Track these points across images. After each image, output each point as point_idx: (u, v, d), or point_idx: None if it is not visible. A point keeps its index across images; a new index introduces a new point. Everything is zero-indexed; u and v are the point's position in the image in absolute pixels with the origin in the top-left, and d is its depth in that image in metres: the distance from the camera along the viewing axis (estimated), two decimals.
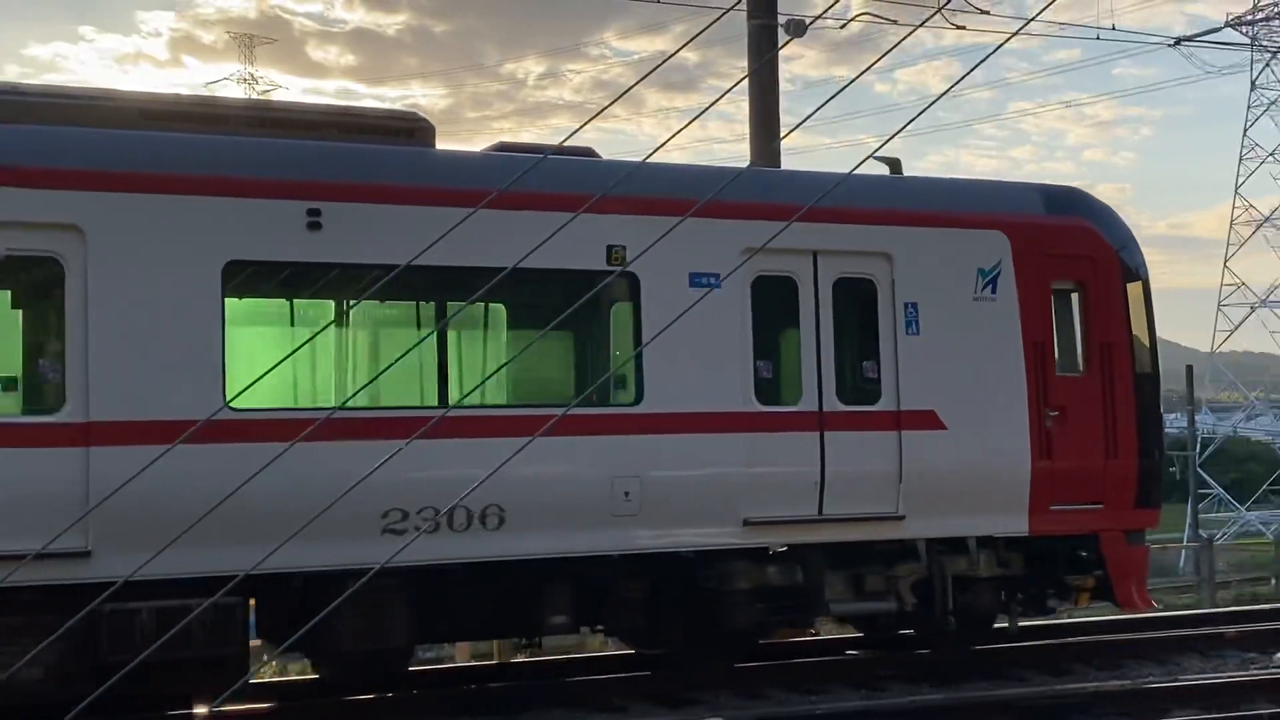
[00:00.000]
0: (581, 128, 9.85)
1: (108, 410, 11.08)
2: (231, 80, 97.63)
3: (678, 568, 13.25)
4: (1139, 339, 15.00)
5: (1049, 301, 14.56)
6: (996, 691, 13.29)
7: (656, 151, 9.70)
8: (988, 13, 18.64)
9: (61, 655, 11.20)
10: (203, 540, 11.36)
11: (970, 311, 14.16)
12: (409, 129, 12.78)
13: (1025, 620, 15.41)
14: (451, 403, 12.43)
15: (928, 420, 13.87)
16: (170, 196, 11.41)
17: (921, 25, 9.53)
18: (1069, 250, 14.71)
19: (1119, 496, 14.71)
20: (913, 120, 8.09)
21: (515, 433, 12.44)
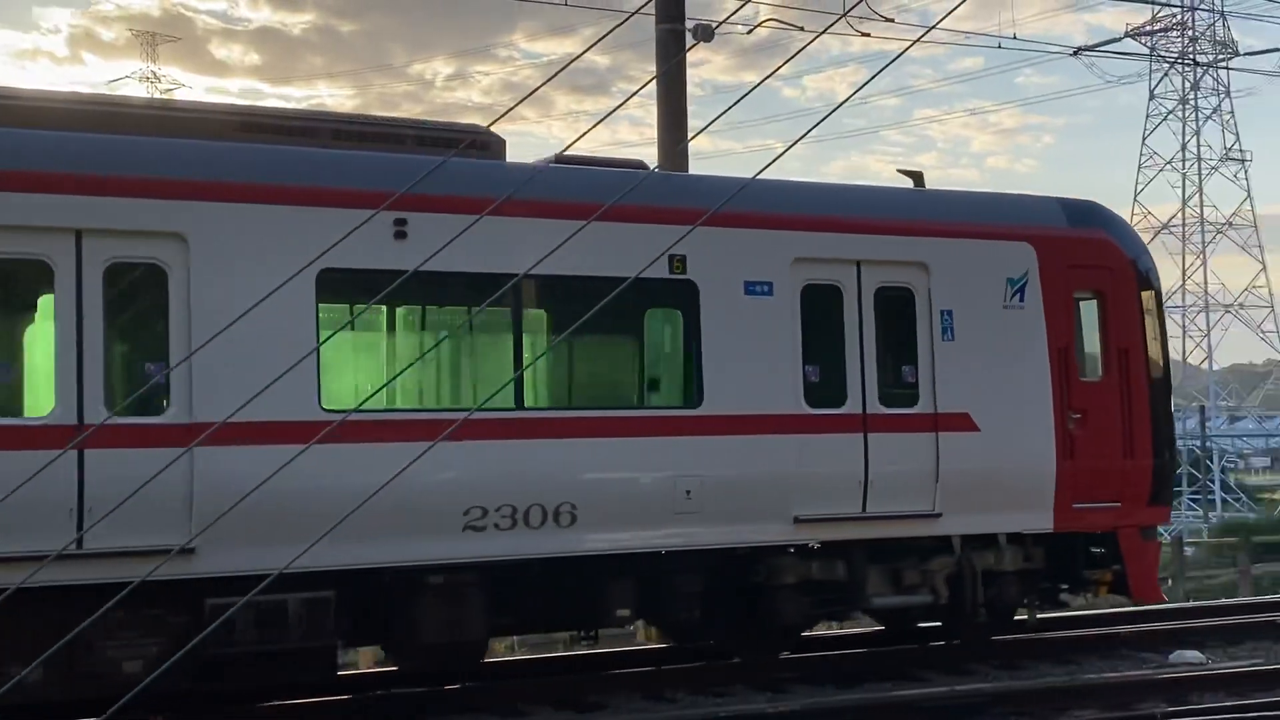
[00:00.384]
0: (489, 126, 10.28)
1: (210, 411, 11.47)
2: (134, 78, 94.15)
3: (731, 563, 13.84)
4: (1152, 345, 15.82)
5: (1071, 309, 15.33)
6: (899, 692, 13.39)
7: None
8: (892, 20, 19.10)
9: (163, 648, 11.59)
10: (297, 538, 11.85)
11: (1000, 319, 14.87)
12: (482, 142, 13.27)
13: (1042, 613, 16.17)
14: (528, 405, 12.95)
15: (962, 422, 14.56)
16: (268, 206, 11.82)
17: (825, 31, 9.58)
18: (1089, 261, 15.49)
19: (1135, 494, 15.51)
20: (816, 125, 8.24)
21: (584, 434, 13.04)
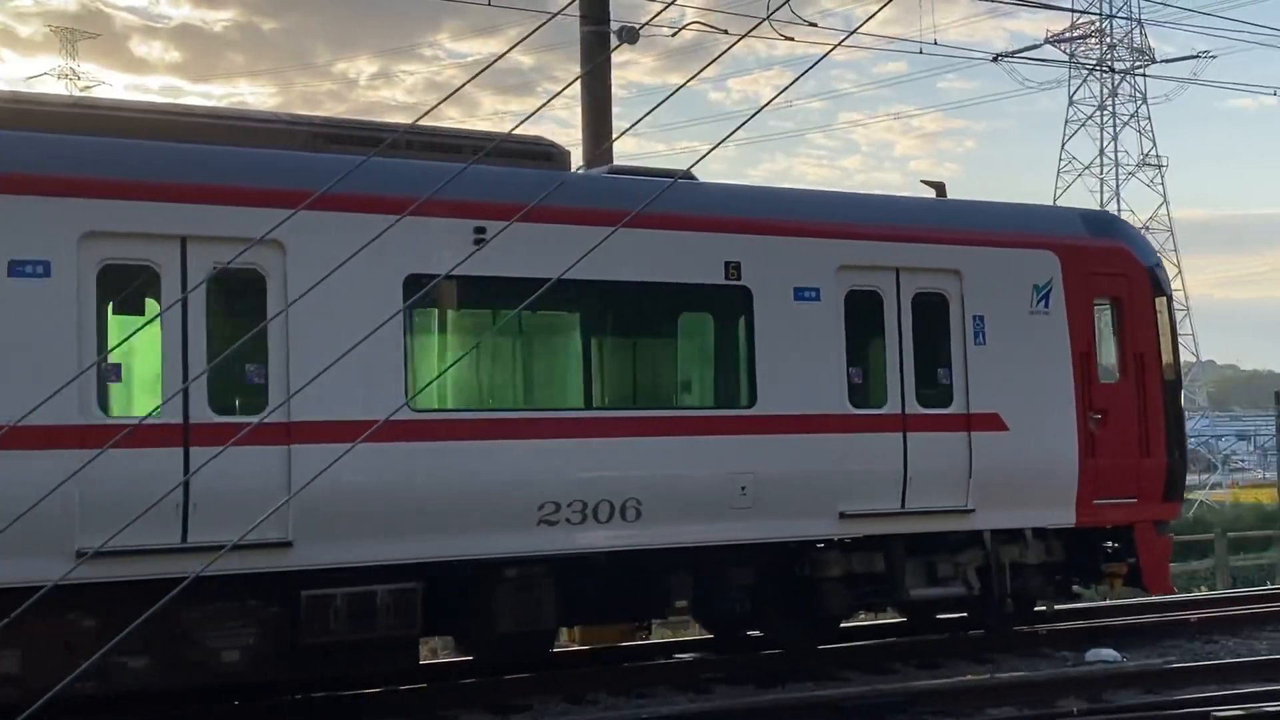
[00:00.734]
0: (412, 125, 10.72)
1: (307, 411, 11.99)
2: (52, 75, 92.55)
3: (779, 557, 14.50)
4: (1165, 349, 16.65)
5: (1092, 315, 16.13)
6: (820, 692, 13.48)
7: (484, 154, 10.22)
8: (815, 25, 19.55)
9: (259, 639, 12.09)
10: (385, 532, 12.43)
11: (1027, 324, 15.65)
12: (549, 154, 13.85)
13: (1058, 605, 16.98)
14: (595, 404, 13.56)
15: (993, 422, 15.32)
16: (359, 215, 12.34)
17: (747, 35, 9.74)
18: (1108, 269, 16.30)
19: (1150, 491, 16.34)
20: (739, 128, 8.32)
21: (649, 432, 13.67)
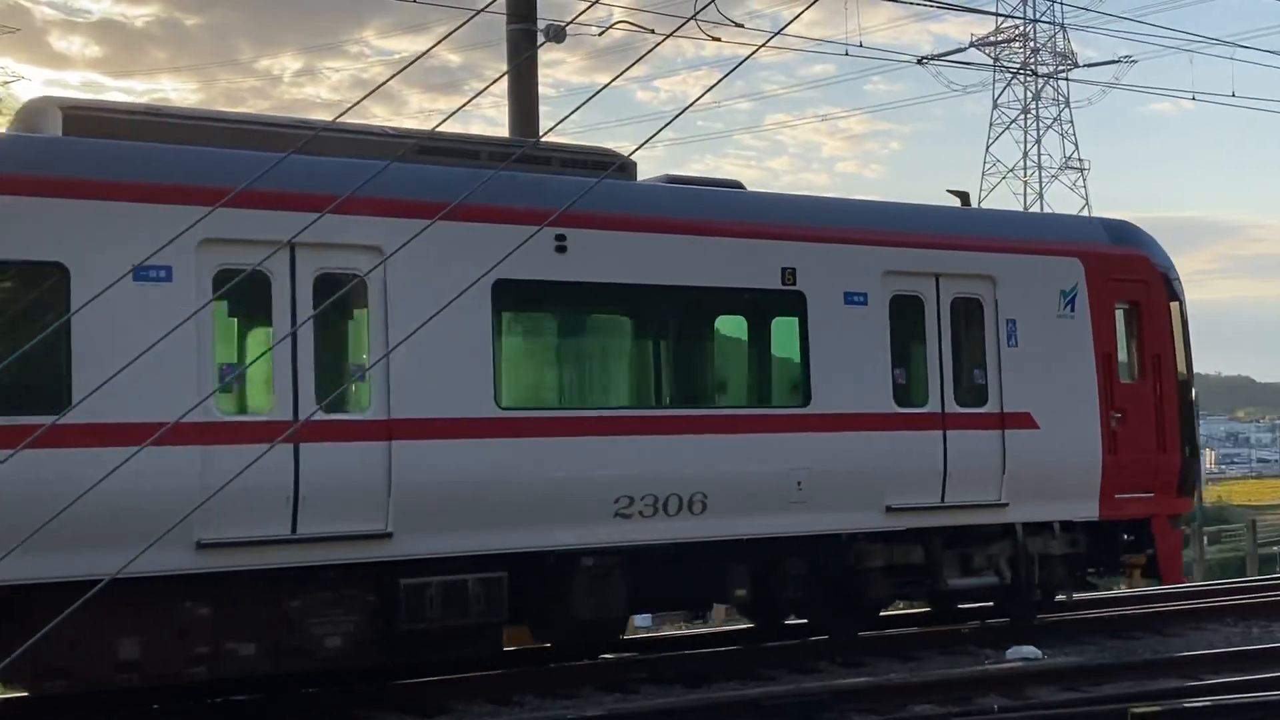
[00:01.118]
0: (334, 121, 11.46)
1: (405, 409, 12.62)
2: None
3: (828, 548, 15.26)
4: (1179, 351, 17.57)
5: (1113, 318, 17.02)
6: (745, 691, 13.63)
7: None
8: (742, 25, 19.88)
9: (358, 625, 12.69)
10: (476, 523, 13.08)
11: (1055, 327, 16.52)
12: (622, 165, 14.52)
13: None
14: (663, 404, 14.26)
15: (1025, 420, 16.16)
16: (451, 223, 12.96)
17: (673, 34, 9.80)
18: (1128, 275, 17.20)
19: (1166, 485, 17.26)
20: (665, 127, 8.33)
21: (716, 430, 14.39)
